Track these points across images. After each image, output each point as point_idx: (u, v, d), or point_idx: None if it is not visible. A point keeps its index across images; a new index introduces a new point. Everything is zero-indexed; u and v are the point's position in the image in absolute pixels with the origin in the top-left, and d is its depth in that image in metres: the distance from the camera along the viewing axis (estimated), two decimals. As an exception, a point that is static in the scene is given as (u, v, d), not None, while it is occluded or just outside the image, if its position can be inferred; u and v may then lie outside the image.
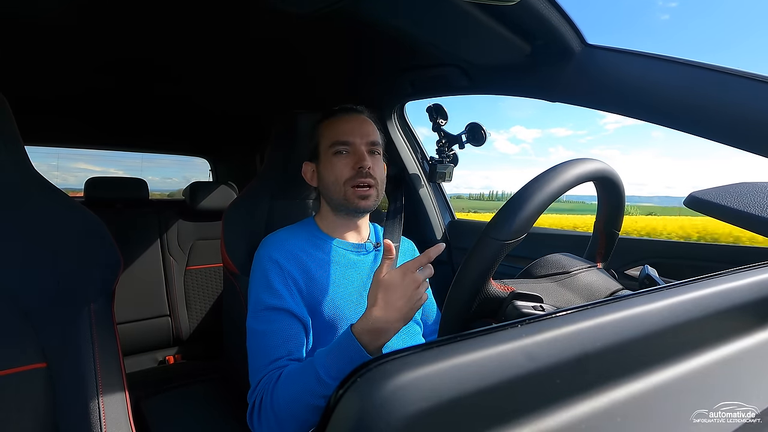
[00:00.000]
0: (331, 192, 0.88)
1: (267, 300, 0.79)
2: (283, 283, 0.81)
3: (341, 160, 0.86)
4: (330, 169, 0.87)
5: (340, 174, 0.86)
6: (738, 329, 0.34)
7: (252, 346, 0.80)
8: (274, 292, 0.80)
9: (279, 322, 0.78)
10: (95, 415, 0.65)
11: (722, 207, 0.52)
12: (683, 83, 0.76)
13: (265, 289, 0.81)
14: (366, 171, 0.85)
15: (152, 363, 1.77)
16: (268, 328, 0.78)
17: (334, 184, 0.87)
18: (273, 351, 0.76)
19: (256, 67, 1.30)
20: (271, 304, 0.79)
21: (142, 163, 3.07)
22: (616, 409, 0.25)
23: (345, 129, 0.88)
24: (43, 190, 0.73)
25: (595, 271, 0.61)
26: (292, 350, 0.76)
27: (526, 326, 0.25)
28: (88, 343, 0.69)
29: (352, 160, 0.86)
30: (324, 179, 0.89)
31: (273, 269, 0.82)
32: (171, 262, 1.82)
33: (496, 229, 0.48)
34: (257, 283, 0.83)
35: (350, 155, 0.87)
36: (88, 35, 1.04)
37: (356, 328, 0.65)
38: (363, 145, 0.87)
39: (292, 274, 0.82)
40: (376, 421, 0.19)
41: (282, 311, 0.78)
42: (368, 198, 0.86)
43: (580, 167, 0.52)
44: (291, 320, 0.78)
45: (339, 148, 0.86)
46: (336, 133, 0.87)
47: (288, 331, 0.77)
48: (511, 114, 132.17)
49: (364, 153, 0.86)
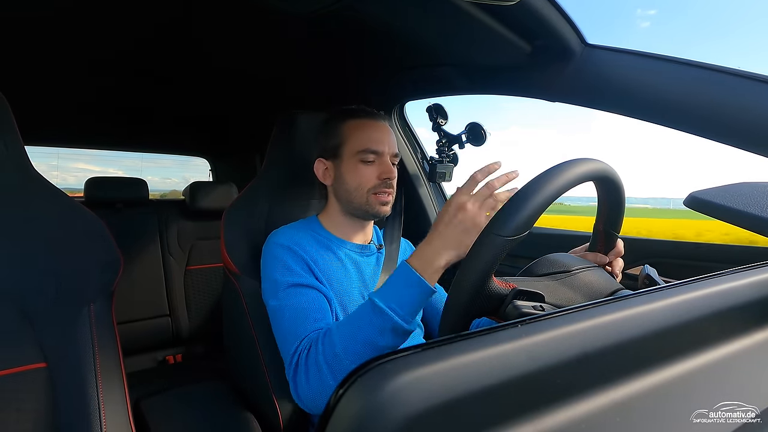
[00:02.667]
0: (351, 196, 0.87)
1: (287, 279, 0.79)
2: (298, 264, 0.81)
3: (368, 168, 0.86)
4: (354, 174, 0.87)
5: (366, 182, 0.86)
6: (738, 329, 0.34)
7: (281, 322, 0.79)
8: (293, 271, 0.80)
9: (305, 294, 0.78)
10: (95, 415, 0.65)
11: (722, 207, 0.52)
12: (684, 83, 0.76)
13: (283, 271, 0.81)
14: (390, 183, 0.87)
15: (152, 363, 1.77)
16: (294, 300, 0.78)
17: (356, 190, 0.87)
18: (307, 317, 0.75)
19: (256, 67, 1.30)
20: (292, 281, 0.79)
21: (142, 164, 3.07)
22: (616, 408, 0.25)
23: (376, 138, 0.87)
24: (43, 190, 0.73)
25: (595, 270, 0.61)
26: (324, 316, 0.76)
27: (527, 326, 0.25)
28: (88, 343, 0.69)
29: (379, 170, 0.86)
30: (346, 182, 0.88)
31: (286, 253, 0.82)
32: (171, 262, 1.82)
33: (498, 226, 0.48)
34: (272, 268, 0.82)
35: (377, 165, 0.87)
36: (88, 34, 1.04)
37: (410, 260, 0.68)
38: (390, 155, 0.88)
39: (304, 259, 0.82)
40: (377, 420, 0.19)
41: (305, 287, 0.79)
42: (388, 204, 0.88)
43: (581, 167, 0.52)
44: (315, 293, 0.79)
45: (368, 157, 0.86)
46: (367, 141, 0.86)
47: (316, 301, 0.78)
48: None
49: (391, 165, 0.87)
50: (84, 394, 0.66)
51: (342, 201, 0.90)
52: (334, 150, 0.90)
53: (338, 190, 0.90)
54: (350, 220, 0.91)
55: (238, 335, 0.98)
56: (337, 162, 0.90)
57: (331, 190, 0.93)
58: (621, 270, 0.69)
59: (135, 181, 1.84)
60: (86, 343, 0.68)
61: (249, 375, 1.00)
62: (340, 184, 0.89)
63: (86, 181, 1.75)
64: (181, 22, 1.00)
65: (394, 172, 0.87)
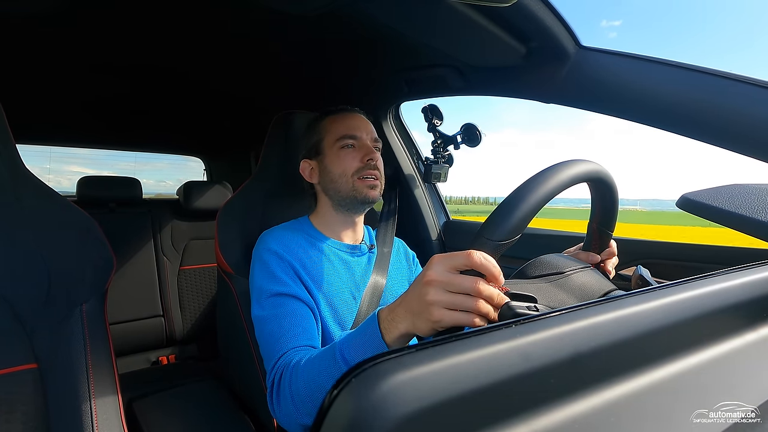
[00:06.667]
0: (338, 185, 0.88)
1: (271, 287, 0.79)
2: (284, 271, 0.81)
3: (349, 153, 0.88)
4: (337, 162, 0.88)
5: (349, 166, 0.87)
6: (731, 329, 0.35)
7: (261, 333, 0.78)
8: (278, 279, 0.80)
9: (286, 305, 0.77)
10: (87, 416, 0.65)
11: (714, 209, 0.52)
12: (677, 86, 0.77)
13: (269, 278, 0.80)
14: (374, 163, 0.88)
15: (145, 364, 1.75)
16: (276, 312, 0.77)
17: (341, 176, 0.88)
18: (285, 333, 0.74)
19: (251, 66, 1.30)
20: (276, 290, 0.79)
21: (136, 166, 3.05)
22: (610, 409, 0.25)
23: (351, 124, 0.90)
24: (34, 189, 0.73)
25: (589, 271, 0.61)
26: (303, 331, 0.74)
27: (521, 326, 0.25)
28: (80, 343, 0.68)
29: (360, 153, 0.88)
30: (330, 173, 0.89)
31: (273, 260, 0.82)
32: (164, 262, 1.81)
33: (490, 230, 0.48)
34: (259, 274, 0.82)
35: (357, 149, 0.89)
36: (82, 34, 1.04)
37: (381, 311, 0.56)
38: (369, 140, 0.90)
39: (292, 265, 0.82)
40: (371, 421, 0.19)
41: (288, 296, 0.78)
42: (375, 188, 0.88)
43: (574, 168, 0.52)
44: (298, 303, 0.78)
45: (347, 142, 0.89)
46: (343, 128, 0.90)
47: (297, 313, 0.77)
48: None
49: (371, 147, 0.90)
50: (76, 395, 0.65)
51: (330, 195, 0.90)
52: (316, 147, 0.92)
53: (325, 184, 0.91)
54: (341, 216, 0.91)
55: (231, 335, 0.98)
56: (320, 158, 0.91)
57: (319, 188, 0.93)
58: (614, 267, 0.69)
59: (128, 180, 1.82)
60: (78, 344, 0.68)
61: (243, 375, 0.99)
62: (326, 177, 0.90)
63: (78, 181, 1.73)
64: (177, 22, 1.00)
65: (376, 154, 0.89)
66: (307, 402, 0.64)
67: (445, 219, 1.52)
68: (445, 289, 0.46)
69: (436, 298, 0.46)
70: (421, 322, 0.48)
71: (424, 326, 0.48)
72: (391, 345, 0.53)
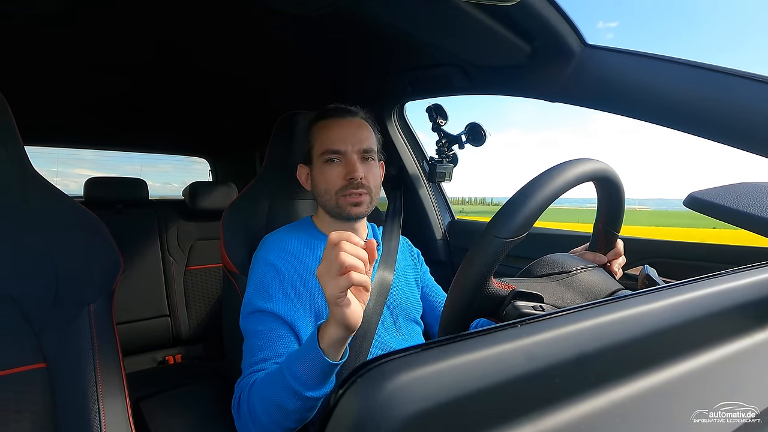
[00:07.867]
0: (323, 200, 0.87)
1: (258, 303, 0.79)
2: (278, 286, 0.80)
3: (333, 169, 0.84)
4: (322, 177, 0.86)
5: (332, 184, 0.84)
6: (738, 329, 0.34)
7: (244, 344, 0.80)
8: (267, 296, 0.79)
9: (266, 324, 0.78)
10: (95, 415, 0.65)
11: (722, 207, 0.52)
12: (684, 83, 0.76)
13: (259, 293, 0.80)
14: (357, 182, 0.83)
15: (152, 363, 1.76)
16: (255, 329, 0.78)
17: (326, 194, 0.86)
18: (257, 352, 0.75)
19: (255, 67, 1.30)
20: (260, 307, 0.79)
21: (142, 168, 3.08)
22: (616, 409, 0.25)
23: (337, 136, 0.85)
24: (43, 190, 0.73)
25: (595, 270, 0.60)
26: (276, 353, 0.75)
27: (526, 326, 0.25)
28: (87, 343, 0.69)
29: (344, 170, 0.84)
30: (317, 186, 0.88)
31: (269, 273, 0.82)
32: (171, 263, 1.82)
33: (497, 227, 0.48)
34: (252, 285, 0.83)
35: (342, 164, 0.84)
36: (87, 34, 1.04)
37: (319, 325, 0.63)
38: (355, 153, 0.85)
39: (288, 277, 0.81)
40: (376, 421, 0.19)
41: (270, 314, 0.78)
42: (360, 205, 0.85)
43: (581, 167, 0.52)
44: (277, 323, 0.77)
45: (330, 157, 0.84)
46: (328, 142, 0.85)
47: (273, 334, 0.76)
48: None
49: (355, 163, 0.84)
50: (84, 395, 0.66)
51: (321, 204, 0.90)
52: (308, 154, 0.90)
53: (315, 194, 0.90)
54: (336, 221, 0.90)
55: (236, 336, 0.98)
56: (311, 166, 0.90)
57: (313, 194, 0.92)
58: (621, 268, 0.69)
59: (134, 181, 1.83)
60: (86, 344, 0.68)
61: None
62: (315, 189, 0.89)
63: (86, 182, 1.74)
64: (180, 24, 1.00)
65: (359, 170, 0.83)
66: (262, 417, 0.66)
67: (450, 219, 1.51)
68: (328, 276, 0.56)
69: (325, 284, 0.57)
70: (331, 300, 0.57)
71: (333, 311, 0.58)
72: (325, 349, 0.60)
